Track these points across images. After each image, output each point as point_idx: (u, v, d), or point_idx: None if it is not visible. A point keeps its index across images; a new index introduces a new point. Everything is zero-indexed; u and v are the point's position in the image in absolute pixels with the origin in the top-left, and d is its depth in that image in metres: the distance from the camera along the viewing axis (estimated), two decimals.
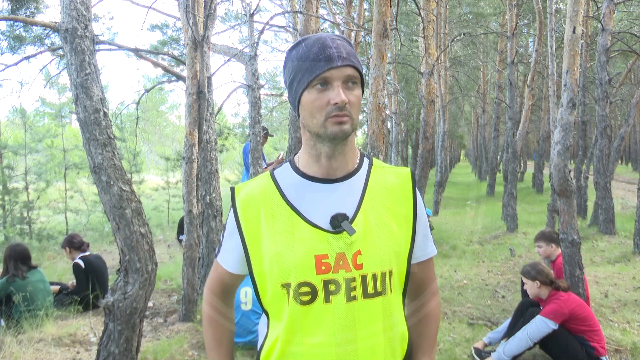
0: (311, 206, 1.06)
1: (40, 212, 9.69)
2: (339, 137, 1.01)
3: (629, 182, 20.35)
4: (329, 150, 1.05)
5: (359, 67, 1.03)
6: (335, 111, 0.99)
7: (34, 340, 3.71)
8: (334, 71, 0.99)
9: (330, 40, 1.03)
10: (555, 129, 4.16)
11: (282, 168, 1.15)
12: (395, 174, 1.14)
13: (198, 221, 4.41)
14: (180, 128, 40.04)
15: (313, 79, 1.00)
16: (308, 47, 1.03)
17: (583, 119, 11.08)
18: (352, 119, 1.02)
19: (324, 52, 1.00)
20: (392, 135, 15.84)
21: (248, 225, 1.09)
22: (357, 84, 1.03)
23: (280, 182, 1.11)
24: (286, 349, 1.06)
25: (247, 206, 1.10)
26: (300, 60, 1.02)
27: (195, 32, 4.46)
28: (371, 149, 3.83)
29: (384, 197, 1.10)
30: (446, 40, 13.22)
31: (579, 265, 4.09)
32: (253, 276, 1.09)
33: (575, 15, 3.96)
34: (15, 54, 7.02)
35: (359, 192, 1.08)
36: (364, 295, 1.02)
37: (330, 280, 1.01)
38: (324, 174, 1.08)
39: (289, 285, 1.03)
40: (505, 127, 12.67)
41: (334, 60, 0.99)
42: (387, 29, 3.78)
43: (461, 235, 8.94)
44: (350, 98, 1.01)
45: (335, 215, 1.04)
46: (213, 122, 4.73)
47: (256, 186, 1.12)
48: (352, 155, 1.11)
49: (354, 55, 1.04)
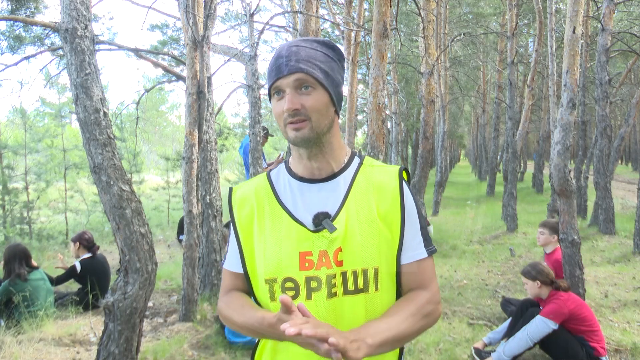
0: (299, 205, 1.10)
1: (40, 212, 9.68)
2: (298, 142, 1.04)
3: (629, 182, 20.36)
4: (305, 152, 1.09)
5: (311, 71, 1.02)
6: (289, 118, 1.02)
7: (34, 340, 3.71)
8: (282, 80, 1.03)
9: (286, 48, 1.05)
10: (555, 129, 4.16)
11: (278, 168, 1.19)
12: (384, 172, 1.14)
13: (198, 221, 4.41)
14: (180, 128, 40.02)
15: (270, 90, 1.06)
16: (272, 57, 1.08)
17: (583, 119, 11.07)
18: (312, 122, 1.03)
19: (275, 63, 1.04)
20: (392, 135, 15.85)
21: (242, 223, 1.14)
22: (315, 87, 1.03)
23: (275, 182, 1.15)
24: (276, 346, 1.11)
25: (242, 205, 1.15)
26: (267, 70, 1.08)
27: (195, 32, 4.46)
28: (371, 148, 3.83)
29: (371, 195, 1.10)
30: (446, 40, 13.21)
31: (579, 265, 4.10)
32: (247, 272, 1.13)
33: (575, 15, 3.96)
34: (15, 54, 7.04)
35: (344, 190, 1.10)
36: (344, 292, 1.04)
37: (312, 277, 1.04)
38: (309, 174, 1.12)
39: (275, 280, 1.06)
40: (505, 127, 12.68)
41: (282, 70, 1.02)
42: (387, 29, 3.78)
43: (461, 235, 8.94)
44: (305, 102, 1.02)
45: (317, 214, 1.07)
46: (213, 122, 4.73)
47: (252, 186, 1.17)
48: (335, 156, 1.12)
49: (308, 60, 1.03)
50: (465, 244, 8.07)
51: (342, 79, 1.12)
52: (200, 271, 4.73)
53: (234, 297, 1.15)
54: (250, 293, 1.15)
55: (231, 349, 3.66)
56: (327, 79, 1.05)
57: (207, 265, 4.76)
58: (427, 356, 3.54)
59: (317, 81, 1.03)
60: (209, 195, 4.66)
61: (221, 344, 3.74)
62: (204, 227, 4.73)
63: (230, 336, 3.74)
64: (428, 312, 1.09)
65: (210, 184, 4.67)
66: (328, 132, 1.08)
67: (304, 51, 1.04)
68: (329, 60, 1.07)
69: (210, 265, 4.74)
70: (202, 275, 4.74)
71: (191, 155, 4.44)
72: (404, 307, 1.07)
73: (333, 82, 1.07)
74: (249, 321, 1.07)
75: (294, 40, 1.09)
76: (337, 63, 1.10)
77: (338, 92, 1.09)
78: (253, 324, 1.05)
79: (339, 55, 1.11)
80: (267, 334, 1.03)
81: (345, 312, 1.05)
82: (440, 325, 4.12)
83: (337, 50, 1.11)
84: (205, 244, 4.74)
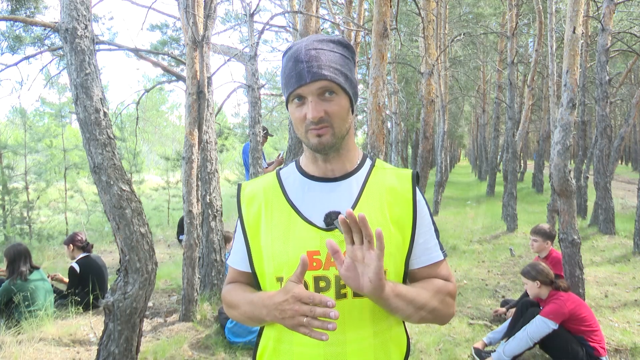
0: (309, 204, 1.08)
1: (40, 212, 9.69)
2: (319, 149, 1.03)
3: (629, 182, 20.36)
4: (321, 155, 1.08)
5: (335, 77, 1.01)
6: (312, 125, 1.01)
7: (34, 340, 3.70)
8: (305, 88, 1.00)
9: (304, 52, 1.02)
10: (555, 129, 4.16)
11: (288, 167, 1.18)
12: (396, 175, 1.14)
13: (198, 221, 4.41)
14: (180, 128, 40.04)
15: (289, 95, 1.03)
16: (288, 59, 1.05)
17: (583, 119, 11.07)
18: (334, 129, 1.02)
19: (295, 69, 1.01)
20: (392, 135, 15.84)
21: (250, 221, 1.12)
22: (337, 93, 1.02)
23: (284, 180, 1.14)
24: (278, 347, 1.09)
25: (250, 202, 1.14)
26: (283, 72, 1.06)
27: (195, 32, 4.46)
28: (371, 148, 3.83)
29: (383, 198, 1.09)
30: (446, 40, 13.21)
31: (579, 265, 4.10)
32: (254, 270, 1.12)
33: (575, 15, 3.96)
34: (15, 54, 7.04)
35: (357, 191, 1.09)
36: (354, 294, 1.03)
37: (320, 277, 1.03)
38: (322, 174, 1.11)
39: (282, 279, 1.05)
40: (505, 127, 12.67)
41: (304, 77, 0.99)
42: (387, 29, 3.77)
43: (461, 235, 8.94)
44: (328, 109, 1.01)
45: (329, 213, 1.06)
46: (213, 122, 4.73)
47: (261, 183, 1.16)
48: (350, 157, 1.12)
49: (330, 65, 1.01)
50: (465, 244, 8.06)
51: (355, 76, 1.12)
52: (200, 271, 4.73)
53: (237, 285, 1.16)
54: (258, 290, 1.14)
55: (231, 349, 3.66)
56: (347, 82, 1.04)
57: (207, 265, 4.76)
58: (427, 356, 3.54)
59: (340, 87, 1.02)
60: (209, 195, 4.66)
61: (221, 344, 3.74)
62: (204, 227, 4.73)
63: (230, 336, 3.74)
64: (446, 302, 1.09)
65: (210, 184, 4.66)
66: (347, 134, 1.08)
67: (324, 55, 1.02)
68: (347, 62, 1.06)
69: (210, 265, 4.74)
70: (202, 275, 4.74)
71: (191, 155, 4.44)
72: (423, 282, 1.09)
73: (352, 84, 1.06)
74: (254, 299, 1.04)
75: (309, 41, 1.05)
76: (352, 62, 1.08)
77: (356, 93, 1.09)
78: (256, 302, 1.03)
79: (353, 52, 1.10)
80: (271, 309, 0.97)
81: (353, 314, 1.04)
82: (441, 326, 4.13)
83: (351, 48, 1.10)
84: (205, 244, 4.74)
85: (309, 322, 0.89)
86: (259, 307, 1.01)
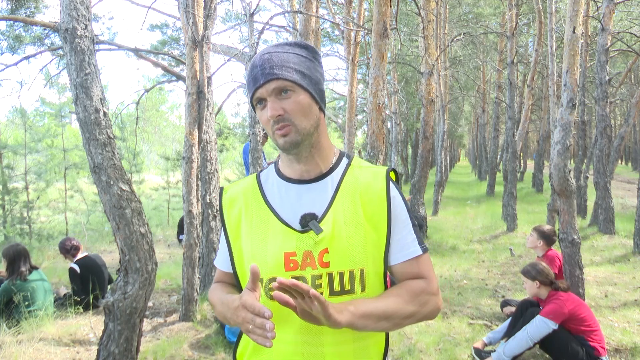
0: (286, 206, 1.10)
1: (40, 212, 9.69)
2: (287, 148, 1.05)
3: (628, 182, 20.36)
4: (294, 156, 1.10)
5: (288, 75, 1.03)
6: (275, 125, 1.04)
7: (34, 340, 3.71)
8: (262, 90, 1.04)
9: (259, 58, 1.06)
10: (555, 128, 4.17)
11: (268, 170, 1.20)
12: (371, 173, 1.14)
13: (198, 221, 4.41)
14: (180, 128, 40.02)
15: (252, 102, 1.08)
16: (248, 69, 1.10)
17: (583, 118, 11.08)
18: (295, 125, 1.04)
19: (252, 74, 1.06)
20: (392, 135, 15.85)
21: (231, 223, 1.16)
22: (294, 90, 1.04)
23: (263, 183, 1.16)
24: (258, 345, 1.09)
25: (231, 205, 1.17)
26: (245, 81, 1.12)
27: (195, 32, 4.46)
28: (371, 148, 3.83)
29: (357, 196, 1.10)
30: (446, 40, 13.21)
31: (579, 265, 4.10)
32: (236, 272, 1.15)
33: (575, 15, 3.97)
34: (15, 54, 7.04)
35: (331, 192, 1.10)
36: (330, 293, 1.04)
37: (297, 277, 1.04)
38: (298, 176, 1.13)
39: (262, 280, 1.07)
40: (505, 127, 12.68)
41: (258, 80, 1.04)
42: (387, 29, 3.78)
43: (461, 235, 8.94)
44: (286, 106, 1.03)
45: (304, 215, 1.08)
46: (213, 122, 4.73)
47: (241, 187, 1.19)
48: (324, 156, 1.13)
49: (282, 65, 1.04)
50: (465, 243, 8.07)
51: (322, 75, 1.12)
52: (200, 271, 4.73)
53: (220, 285, 1.20)
54: (240, 291, 1.16)
55: (231, 349, 3.65)
56: (304, 79, 1.05)
57: (207, 265, 4.76)
58: (427, 356, 3.54)
59: (295, 83, 1.04)
60: (208, 195, 4.66)
61: (221, 344, 3.74)
62: (204, 227, 4.73)
63: (230, 336, 3.74)
64: (424, 301, 1.08)
65: (210, 183, 4.67)
66: (315, 131, 1.08)
67: (276, 57, 1.05)
68: (304, 61, 1.08)
69: (210, 265, 4.75)
70: (202, 275, 4.74)
71: (191, 155, 4.44)
72: (395, 289, 1.08)
73: (311, 80, 1.07)
74: (225, 300, 1.06)
75: (267, 47, 1.10)
76: (312, 61, 1.10)
77: (319, 90, 1.10)
78: (225, 304, 1.05)
79: (313, 52, 1.11)
80: (232, 313, 1.00)
81: None
82: (440, 325, 4.13)
83: (310, 49, 1.11)
84: (205, 243, 4.75)
85: (252, 330, 0.91)
86: (225, 309, 1.04)
